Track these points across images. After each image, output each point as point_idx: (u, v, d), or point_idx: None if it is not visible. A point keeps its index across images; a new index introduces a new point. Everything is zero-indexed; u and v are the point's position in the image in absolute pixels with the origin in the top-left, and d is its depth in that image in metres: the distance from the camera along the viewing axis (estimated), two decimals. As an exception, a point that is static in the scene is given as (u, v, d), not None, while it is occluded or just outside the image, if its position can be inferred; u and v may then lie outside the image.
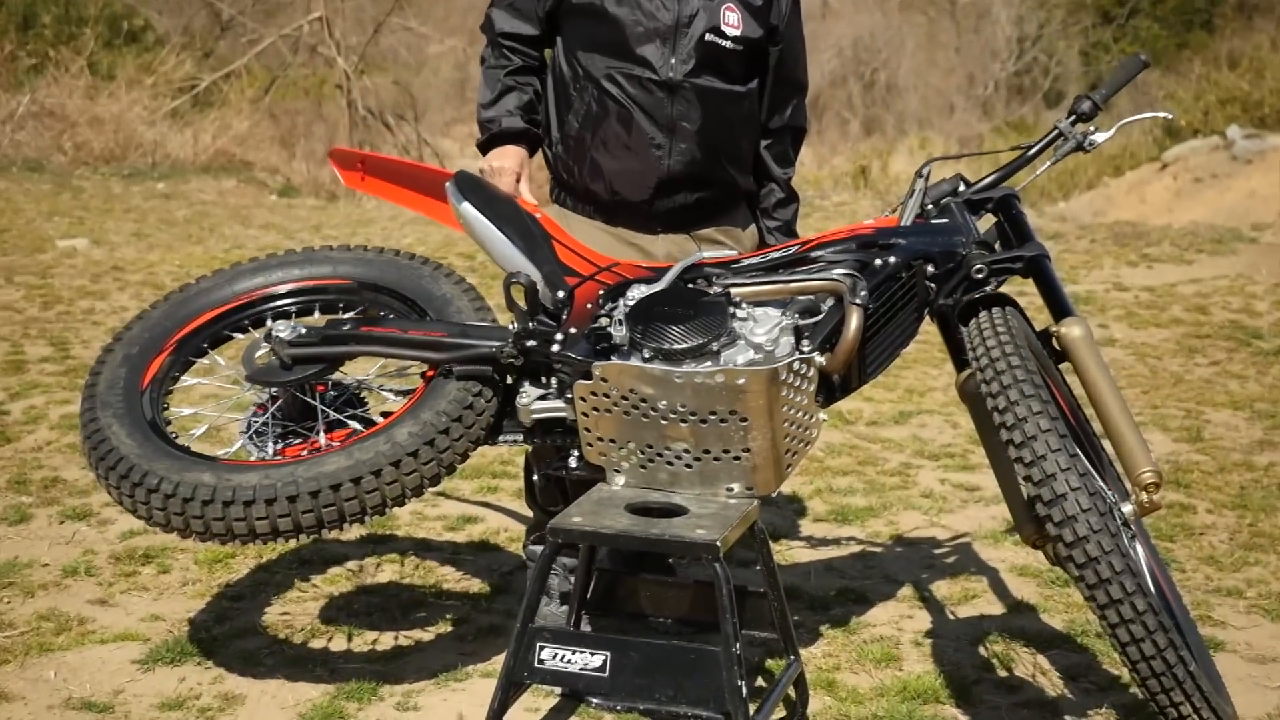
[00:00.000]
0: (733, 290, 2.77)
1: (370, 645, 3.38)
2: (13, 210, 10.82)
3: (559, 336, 2.76)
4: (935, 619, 3.57)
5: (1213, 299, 7.78)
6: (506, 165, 3.22)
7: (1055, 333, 2.69)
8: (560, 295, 2.86)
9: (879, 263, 2.76)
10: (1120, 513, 2.50)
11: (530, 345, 2.78)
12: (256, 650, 3.33)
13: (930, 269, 2.80)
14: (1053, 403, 2.50)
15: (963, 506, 4.54)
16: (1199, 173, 12.71)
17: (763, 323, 2.70)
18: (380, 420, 2.89)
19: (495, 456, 4.97)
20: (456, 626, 3.49)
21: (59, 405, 5.43)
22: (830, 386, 2.76)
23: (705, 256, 2.89)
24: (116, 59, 16.10)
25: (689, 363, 2.64)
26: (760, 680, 3.19)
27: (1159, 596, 2.46)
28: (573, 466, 2.84)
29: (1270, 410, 5.58)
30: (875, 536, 4.24)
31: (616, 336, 2.69)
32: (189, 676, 3.19)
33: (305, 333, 2.94)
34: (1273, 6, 20.02)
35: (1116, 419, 2.57)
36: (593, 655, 2.56)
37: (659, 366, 2.63)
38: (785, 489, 4.56)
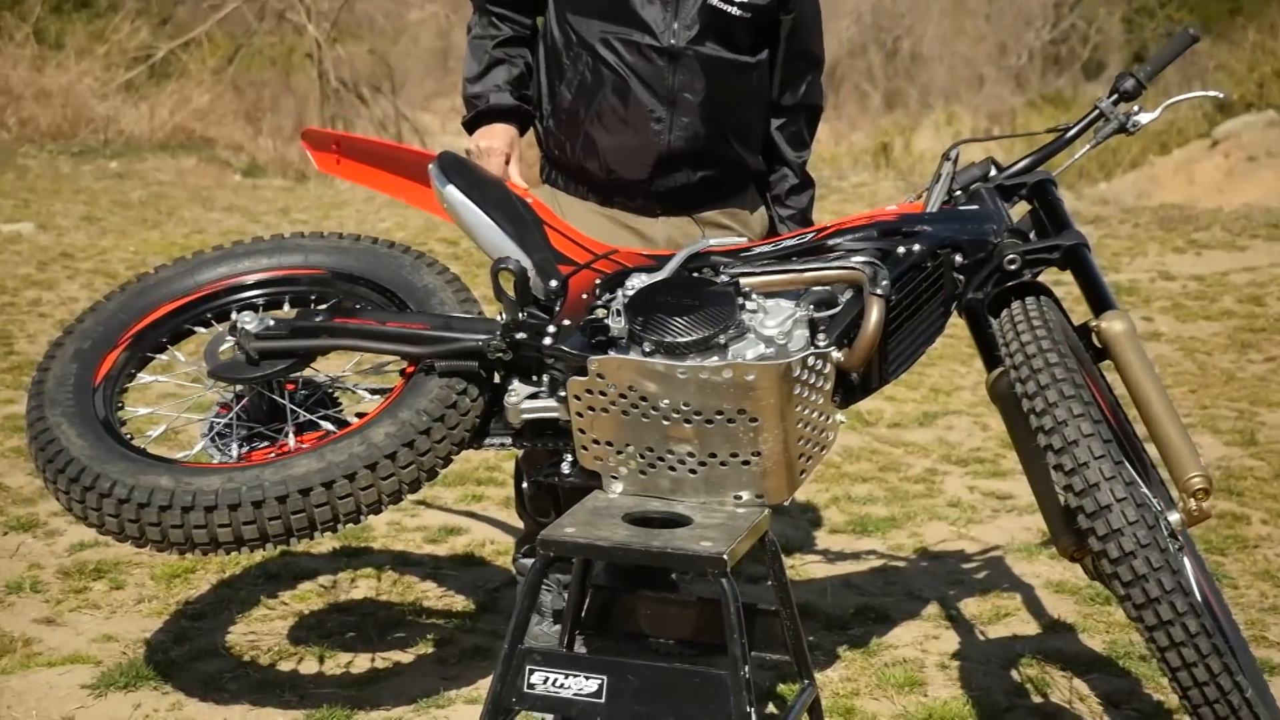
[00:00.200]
0: (742, 280, 2.77)
1: (343, 668, 3.38)
2: (-49, 192, 10.84)
3: (551, 329, 2.77)
4: (963, 639, 3.58)
5: (1268, 289, 7.79)
6: (495, 145, 3.22)
7: (1095, 327, 2.69)
8: (553, 285, 2.86)
9: (902, 251, 2.76)
10: (1167, 523, 2.50)
11: (520, 338, 2.78)
12: (219, 674, 3.33)
13: (959, 259, 2.80)
14: (1095, 404, 2.50)
15: (993, 517, 4.54)
16: (1253, 150, 12.72)
17: (774, 314, 2.70)
18: (355, 421, 2.89)
19: (481, 461, 4.97)
20: (438, 648, 3.50)
21: (2, 405, 5.44)
22: (848, 385, 2.76)
23: (712, 244, 2.89)
24: (65, 26, 16.11)
25: (694, 357, 2.64)
26: (772, 707, 3.19)
27: (1210, 616, 2.47)
28: (566, 472, 2.84)
29: (1331, 411, 5.59)
30: (897, 550, 4.24)
31: (614, 329, 2.69)
32: (145, 703, 3.19)
33: (273, 325, 2.94)
34: (1334, -31, 20.02)
35: (1162, 421, 2.56)
36: (587, 679, 2.56)
37: (661, 361, 2.63)
38: (799, 497, 4.57)
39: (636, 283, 2.79)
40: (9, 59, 14.65)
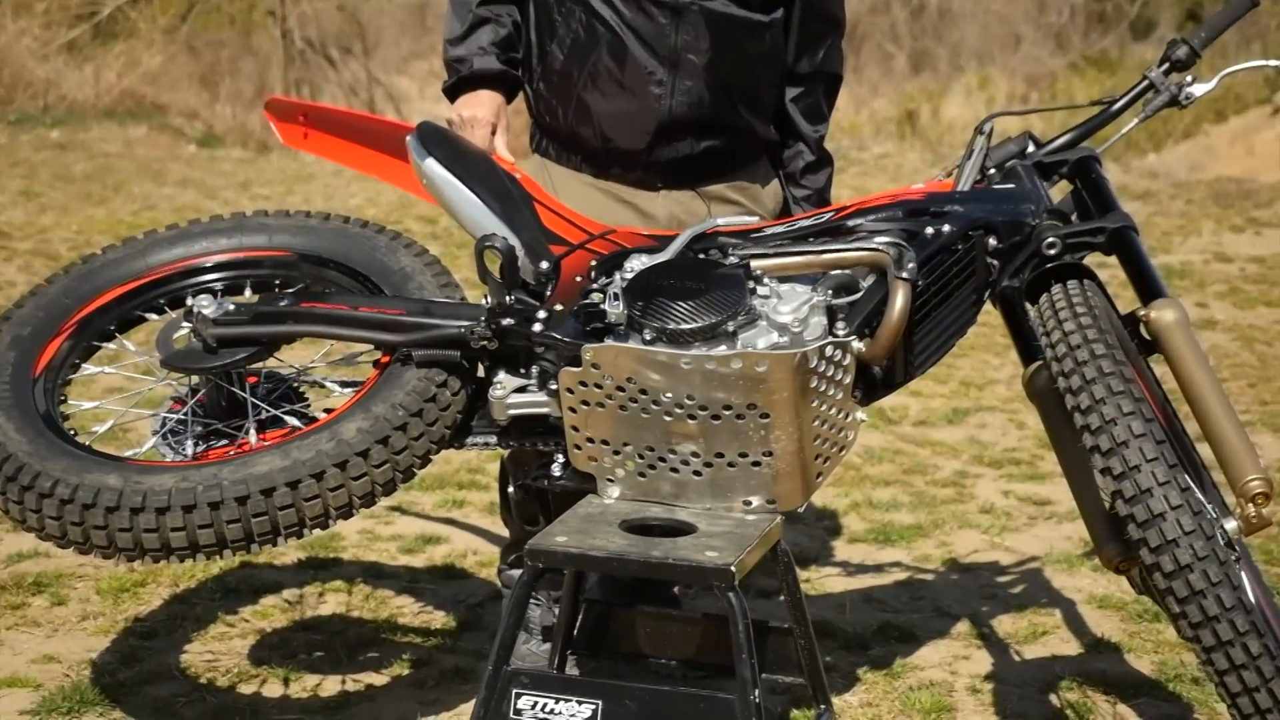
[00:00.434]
0: (752, 262, 2.78)
1: (310, 692, 3.39)
2: (-126, 163, 10.84)
3: (542, 314, 2.77)
4: (997, 660, 3.58)
5: (1335, 273, 7.81)
6: (479, 115, 3.22)
7: (1144, 317, 2.70)
8: (544, 266, 2.86)
9: (930, 232, 2.77)
10: (1223, 531, 2.51)
11: (507, 325, 2.78)
12: (172, 698, 3.34)
13: (992, 242, 2.80)
14: (1146, 400, 2.50)
15: (1030, 524, 4.55)
16: (1319, 119, 12.72)
17: (789, 300, 2.70)
18: (324, 416, 2.90)
19: (462, 463, 4.98)
20: (415, 669, 3.50)
21: (-69, 400, 5.44)
22: (870, 380, 2.76)
23: (720, 224, 2.89)
24: (-1, -21, 16.09)
25: (699, 345, 2.64)
26: (784, 734, 3.20)
27: (1273, 636, 2.47)
28: (557, 475, 2.85)
29: (1404, 408, 5.60)
30: (924, 561, 4.25)
31: (612, 314, 2.70)
32: (90, 729, 3.20)
33: (234, 310, 2.94)
34: None
35: (1217, 418, 2.57)
36: (580, 704, 2.56)
37: (663, 350, 2.64)
38: (815, 502, 4.57)
39: (636, 264, 2.79)
40: (-64, 17, 14.66)
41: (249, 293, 3.14)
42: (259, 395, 3.00)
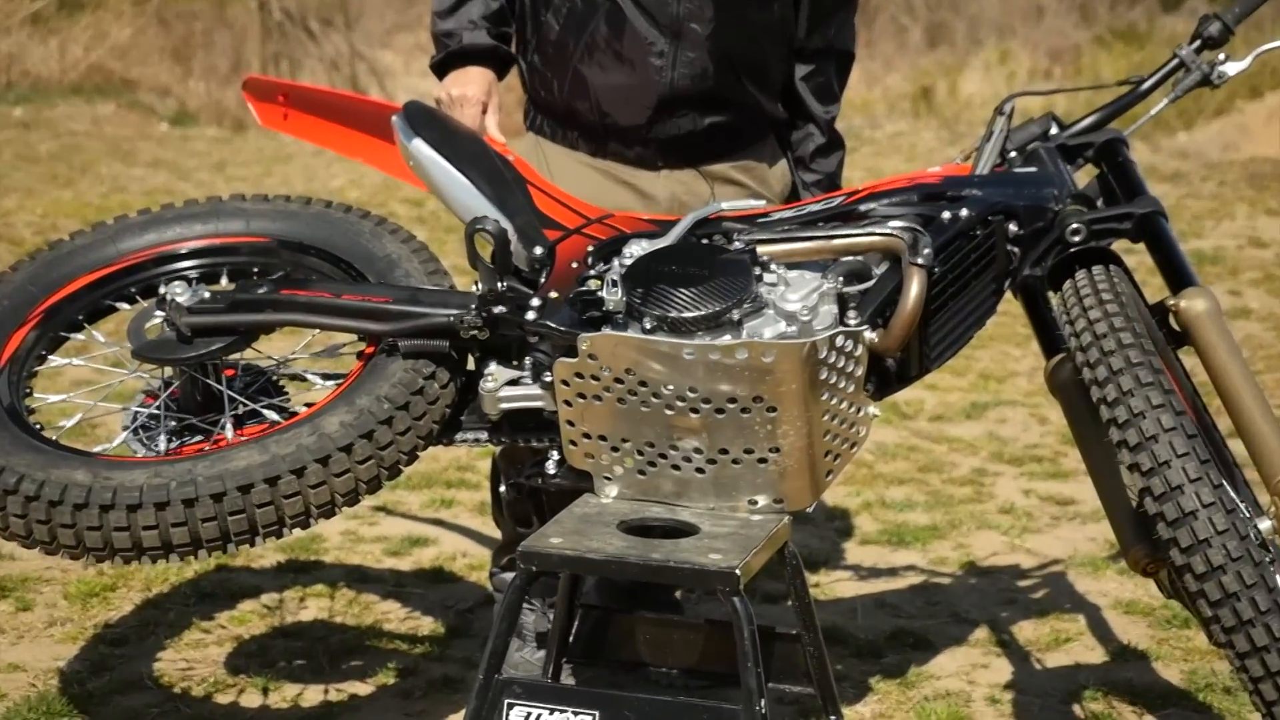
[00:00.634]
0: (759, 248, 2.78)
1: (290, 702, 3.39)
2: None
3: (535, 302, 2.77)
4: (1017, 669, 3.59)
5: (1376, 259, 7.81)
6: (469, 93, 3.22)
7: (1173, 307, 2.70)
8: (538, 252, 2.86)
9: (947, 216, 2.77)
10: (1257, 531, 2.51)
11: (498, 313, 2.79)
12: (144, 709, 3.34)
13: (1013, 228, 2.81)
14: (1176, 392, 2.51)
15: (1053, 525, 4.55)
16: (1361, 96, 12.71)
17: (797, 287, 2.70)
18: (305, 410, 2.90)
19: (451, 460, 4.98)
20: (401, 678, 3.51)
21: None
22: (884, 372, 2.77)
23: (724, 208, 2.89)
24: (-41, -53, 16.06)
25: (702, 334, 2.65)
26: (792, 747, 3.21)
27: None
28: (551, 472, 2.85)
29: None
30: (940, 564, 4.25)
31: (610, 302, 2.70)
32: (58, 742, 3.21)
33: (209, 297, 2.95)
34: None
35: (1250, 413, 2.58)
36: (577, 715, 2.57)
37: (664, 339, 2.64)
38: (825, 502, 4.58)
39: (636, 250, 2.79)
40: (-109, -13, 14.65)
41: (225, 281, 3.15)
42: (236, 388, 3.00)
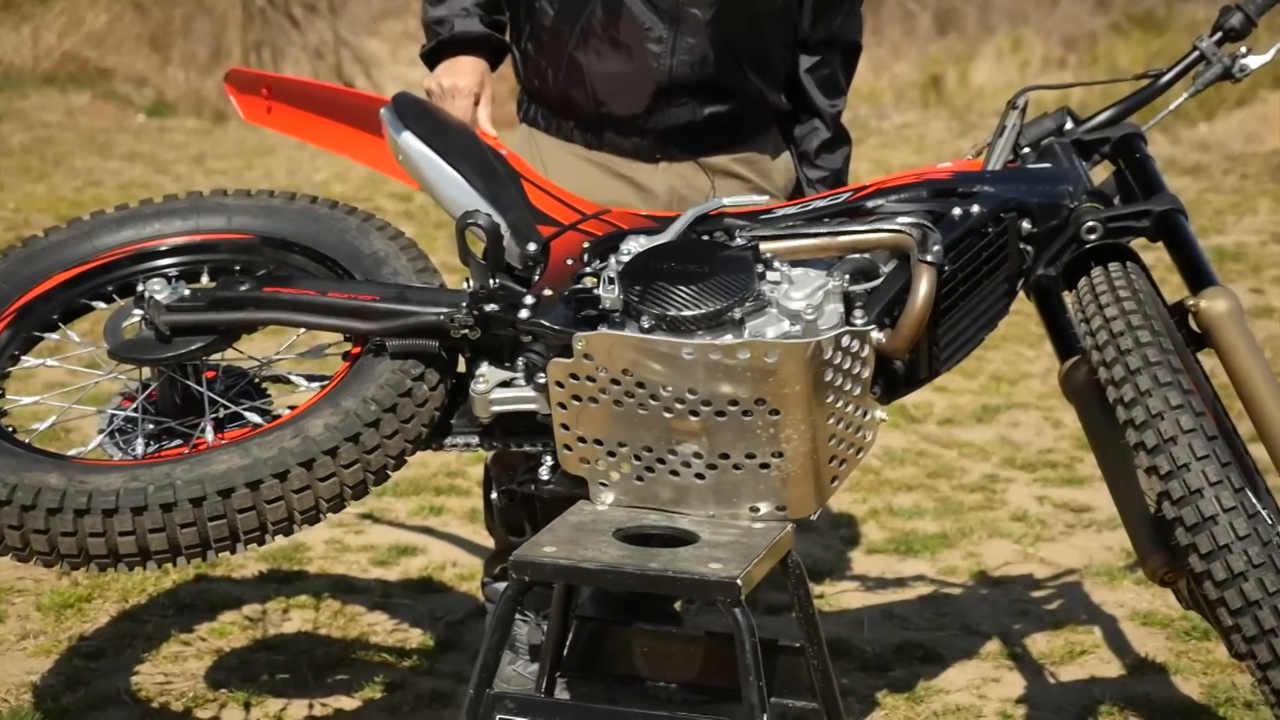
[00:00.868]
0: (762, 244, 2.78)
1: (273, 717, 3.40)
2: None
3: (529, 300, 2.77)
4: (1030, 683, 3.59)
5: (1404, 256, 7.82)
6: (461, 84, 3.22)
7: (1192, 307, 2.71)
8: (531, 248, 2.87)
9: (958, 213, 2.77)
10: (1278, 538, 2.52)
11: (490, 311, 2.79)
12: (121, 724, 3.35)
13: (1026, 226, 2.81)
14: (1195, 393, 2.51)
15: (1067, 533, 4.56)
16: (1388, 86, 12.72)
17: (801, 286, 2.71)
18: (288, 413, 2.90)
19: (441, 466, 4.98)
20: (389, 693, 3.51)
21: None
22: (891, 375, 2.76)
23: (726, 204, 2.90)
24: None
25: (703, 334, 2.65)
26: (796, 764, 3.21)
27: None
28: (545, 478, 2.85)
29: None
30: (950, 574, 4.25)
31: (606, 300, 2.70)
32: (31, 758, 3.21)
33: (189, 295, 2.95)
34: None
35: (1273, 416, 2.58)
36: (572, 730, 2.57)
37: (663, 339, 2.64)
38: (830, 509, 4.58)
39: (634, 246, 2.79)
40: None
41: (205, 279, 3.15)
42: (216, 390, 3.00)
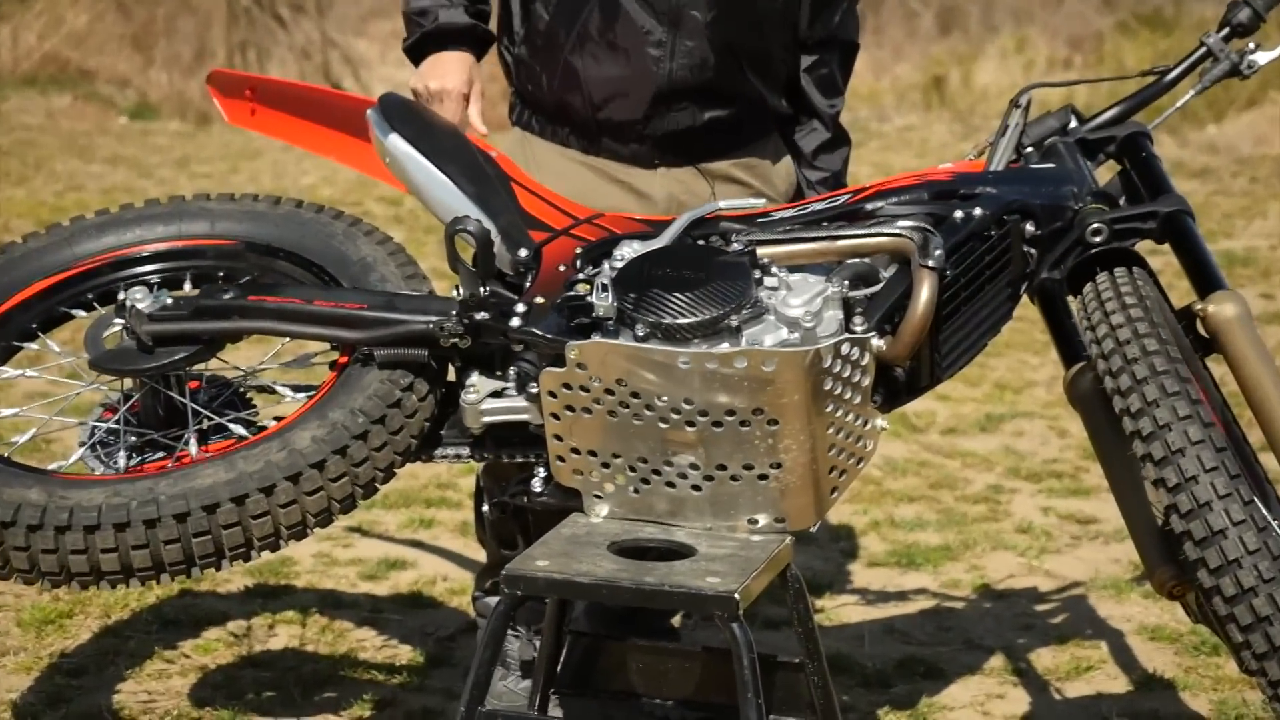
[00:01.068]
0: (759, 249, 2.78)
1: (259, 736, 3.40)
2: None
3: (520, 308, 2.78)
4: (1035, 699, 3.59)
5: None
6: (449, 86, 3.22)
7: (1200, 312, 2.71)
8: (523, 254, 2.87)
9: (960, 216, 2.77)
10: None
11: (481, 319, 2.79)
12: (103, 743, 3.35)
13: (1030, 228, 2.81)
14: (1204, 403, 2.51)
15: (1073, 545, 4.55)
16: (1401, 86, 12.73)
17: (800, 292, 2.71)
18: (274, 425, 2.90)
19: (431, 478, 4.98)
20: (378, 710, 3.51)
21: None
22: (892, 383, 2.77)
23: (722, 207, 2.90)
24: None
25: (699, 342, 2.65)
26: (795, 783, 3.21)
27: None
28: (538, 490, 2.85)
29: None
30: (953, 587, 4.25)
31: (600, 307, 2.70)
32: (10, 779, 3.21)
33: (172, 304, 2.95)
34: None
35: (1283, 424, 2.59)
36: (565, 748, 2.58)
37: (658, 347, 2.64)
38: (830, 520, 4.58)
39: (627, 252, 2.79)
40: None
41: (189, 287, 3.15)
42: (200, 401, 3.00)
